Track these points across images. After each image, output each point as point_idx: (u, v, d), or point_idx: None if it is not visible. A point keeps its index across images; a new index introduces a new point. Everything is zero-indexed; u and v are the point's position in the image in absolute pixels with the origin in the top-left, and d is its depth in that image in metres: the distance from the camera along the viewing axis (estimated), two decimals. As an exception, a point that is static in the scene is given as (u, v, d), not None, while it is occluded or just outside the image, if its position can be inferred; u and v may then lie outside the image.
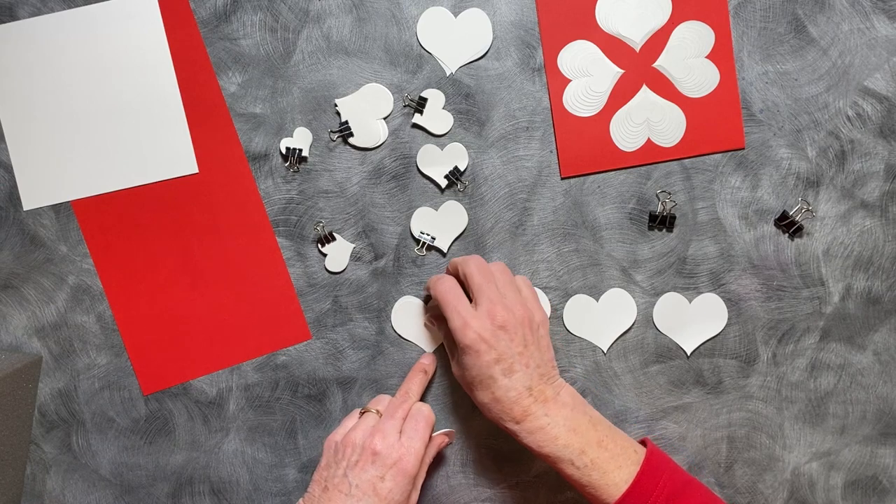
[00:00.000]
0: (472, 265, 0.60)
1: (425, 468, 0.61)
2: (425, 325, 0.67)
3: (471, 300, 0.59)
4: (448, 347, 0.65)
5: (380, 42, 0.67)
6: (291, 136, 0.67)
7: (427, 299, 0.68)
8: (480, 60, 0.67)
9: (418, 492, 0.59)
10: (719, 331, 0.67)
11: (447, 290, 0.60)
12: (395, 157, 0.67)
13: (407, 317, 0.68)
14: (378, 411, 0.62)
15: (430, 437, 0.61)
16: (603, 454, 0.56)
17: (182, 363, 0.68)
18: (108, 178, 0.68)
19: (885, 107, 0.65)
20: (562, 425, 0.56)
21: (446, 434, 0.65)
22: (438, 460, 0.69)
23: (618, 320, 0.67)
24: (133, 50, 0.67)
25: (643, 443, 0.60)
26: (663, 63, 0.66)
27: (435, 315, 0.66)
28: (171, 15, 0.67)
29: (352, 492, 0.56)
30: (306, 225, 0.68)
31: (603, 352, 0.67)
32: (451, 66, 0.66)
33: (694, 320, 0.67)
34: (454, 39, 0.66)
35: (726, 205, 0.66)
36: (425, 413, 0.61)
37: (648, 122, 0.66)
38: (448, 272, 0.64)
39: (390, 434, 0.59)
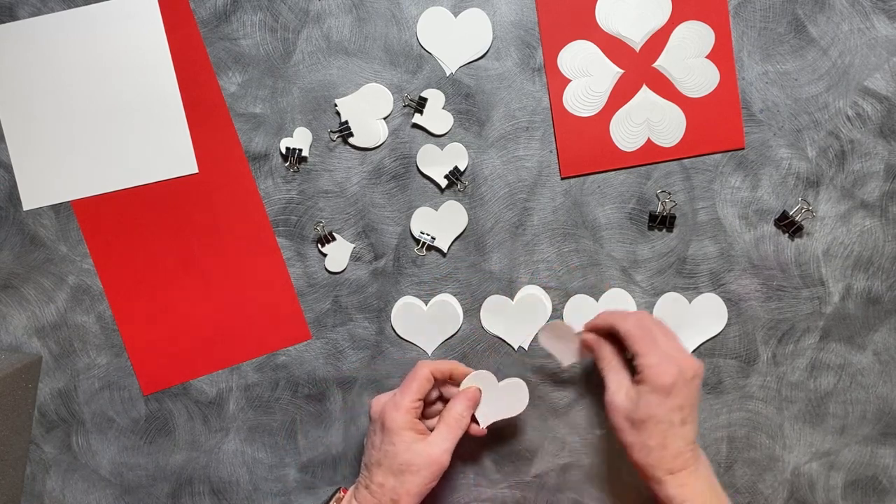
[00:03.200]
0: (635, 318, 0.59)
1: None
2: (586, 340, 0.63)
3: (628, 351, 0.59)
4: (609, 372, 0.60)
5: (380, 42, 0.67)
6: (291, 136, 0.67)
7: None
8: (480, 60, 0.67)
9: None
10: (719, 331, 0.67)
11: (648, 324, 0.58)
12: (395, 157, 0.67)
13: (407, 317, 0.68)
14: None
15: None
16: None
17: (182, 363, 0.68)
18: (108, 178, 0.68)
19: (885, 107, 0.65)
20: (708, 483, 0.56)
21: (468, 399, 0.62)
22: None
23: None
24: (133, 50, 0.67)
25: None
26: (663, 63, 0.66)
27: (596, 335, 0.62)
28: (171, 15, 0.67)
29: None
30: (306, 225, 0.68)
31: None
32: (451, 66, 0.66)
33: (694, 320, 0.66)
34: (454, 39, 0.66)
35: (726, 205, 0.66)
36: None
37: (648, 122, 0.66)
38: (598, 324, 0.62)
39: None
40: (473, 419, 0.62)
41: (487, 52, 0.66)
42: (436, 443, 0.58)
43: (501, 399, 0.63)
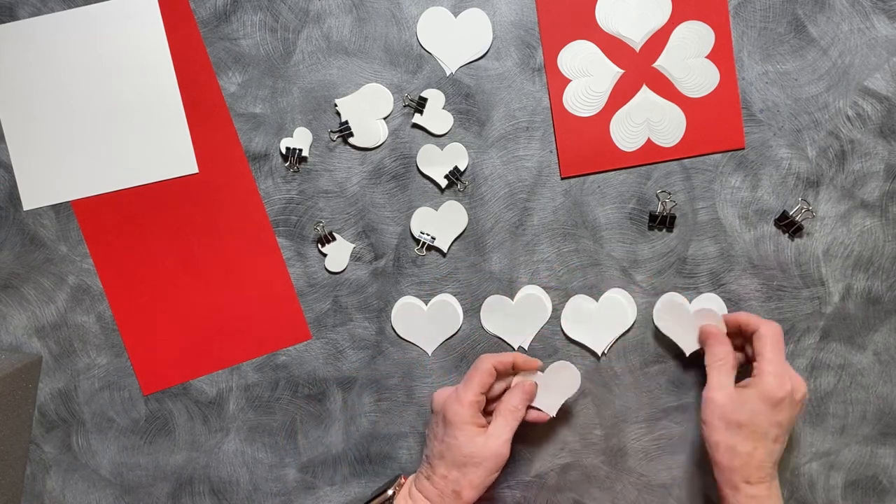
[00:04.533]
0: (772, 326, 0.60)
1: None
2: (710, 332, 0.62)
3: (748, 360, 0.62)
4: (716, 374, 0.60)
5: (380, 42, 0.67)
6: (291, 136, 0.67)
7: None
8: (480, 60, 0.67)
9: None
10: (719, 331, 0.67)
11: (779, 334, 0.59)
12: (395, 157, 0.67)
13: (407, 317, 0.68)
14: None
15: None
16: None
17: (182, 363, 0.68)
18: (108, 178, 0.68)
19: (885, 107, 0.65)
20: (777, 500, 0.58)
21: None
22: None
23: (618, 321, 0.67)
24: (133, 50, 0.67)
25: None
26: (663, 63, 0.66)
27: (711, 332, 0.63)
28: (171, 15, 0.67)
29: None
30: (306, 225, 0.68)
31: (604, 352, 0.67)
32: (451, 66, 0.66)
33: (694, 320, 0.66)
34: (454, 39, 0.66)
35: (726, 205, 0.66)
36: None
37: (648, 122, 0.66)
38: (740, 320, 0.62)
39: None
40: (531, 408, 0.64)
41: (487, 52, 0.66)
42: (496, 434, 0.59)
43: (553, 383, 0.64)
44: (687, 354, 0.65)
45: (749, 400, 0.57)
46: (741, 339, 0.63)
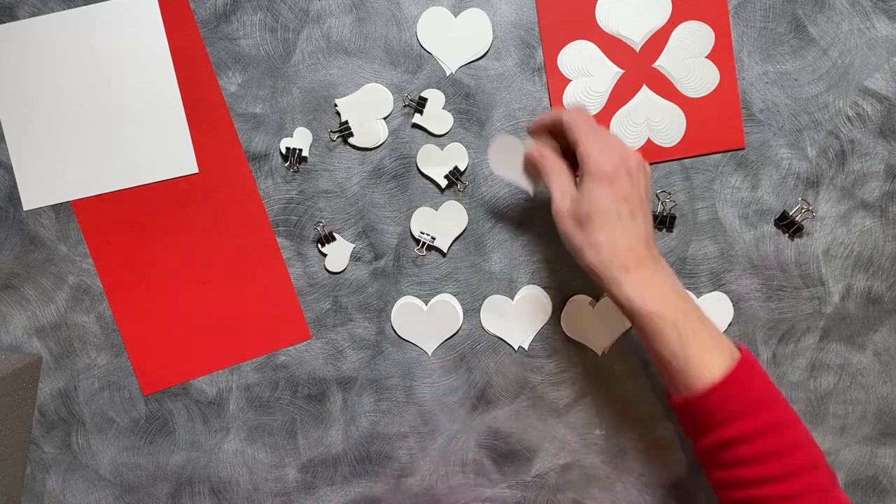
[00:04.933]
0: (573, 111, 0.56)
1: None
2: (532, 155, 0.58)
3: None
4: (554, 180, 0.56)
5: (380, 42, 0.67)
6: (291, 136, 0.67)
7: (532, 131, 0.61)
8: (480, 60, 0.66)
9: None
10: (723, 329, 0.66)
11: (585, 115, 0.55)
12: (395, 157, 0.67)
13: (407, 317, 0.68)
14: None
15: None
16: (703, 327, 0.51)
17: (182, 363, 0.68)
18: (108, 178, 0.68)
19: (885, 107, 0.65)
20: (671, 285, 0.53)
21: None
22: (439, 460, 0.69)
23: (618, 320, 0.67)
24: (133, 50, 0.67)
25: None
26: (663, 63, 0.66)
27: (539, 146, 0.58)
28: (171, 15, 0.67)
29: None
30: (306, 225, 0.68)
31: (604, 352, 0.67)
32: (451, 66, 0.66)
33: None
34: (454, 39, 0.66)
35: (726, 205, 0.66)
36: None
37: (648, 122, 0.66)
38: (543, 120, 0.58)
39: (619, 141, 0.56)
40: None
41: (487, 51, 0.66)
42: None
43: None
44: (532, 195, 0.63)
45: (585, 189, 0.53)
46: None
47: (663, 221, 0.66)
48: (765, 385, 0.52)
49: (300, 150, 0.67)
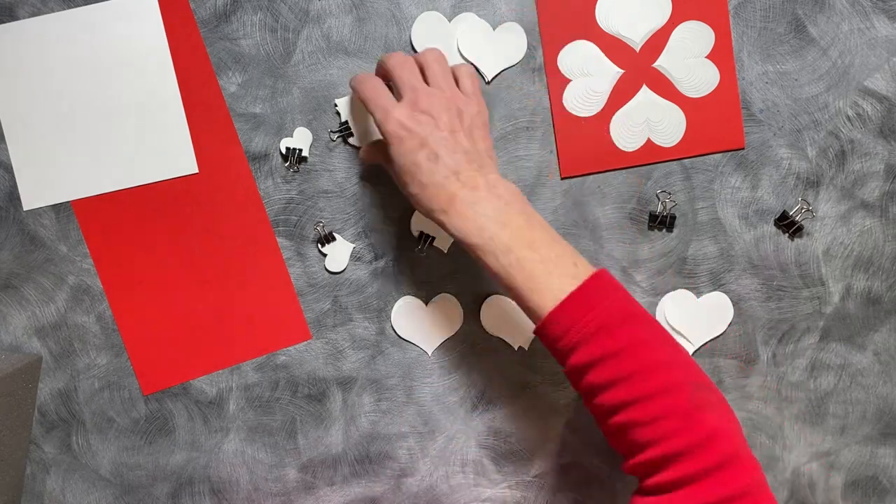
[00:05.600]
0: (394, 58, 0.57)
1: None
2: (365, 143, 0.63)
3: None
4: (384, 152, 0.59)
5: (380, 42, 0.67)
6: (291, 136, 0.67)
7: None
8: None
9: None
10: (723, 330, 0.67)
11: (368, 87, 0.57)
12: (395, 157, 0.67)
13: (407, 317, 0.68)
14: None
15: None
16: (532, 256, 0.51)
17: (182, 363, 0.68)
18: (108, 178, 0.68)
19: (885, 107, 0.65)
20: (490, 217, 0.52)
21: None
22: (439, 460, 0.69)
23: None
24: (133, 50, 0.67)
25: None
26: (663, 63, 0.66)
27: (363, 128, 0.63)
28: (171, 15, 0.67)
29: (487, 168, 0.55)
30: (306, 225, 0.68)
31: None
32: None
33: (702, 318, 0.66)
34: (450, 44, 0.66)
35: (726, 205, 0.66)
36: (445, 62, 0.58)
37: (648, 122, 0.66)
38: (377, 73, 0.60)
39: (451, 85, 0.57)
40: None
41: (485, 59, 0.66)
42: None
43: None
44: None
45: (389, 153, 0.55)
46: None
47: (663, 221, 0.66)
48: (619, 305, 0.50)
49: (300, 150, 0.67)
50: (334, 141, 0.67)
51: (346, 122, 0.66)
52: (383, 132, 0.55)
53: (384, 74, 0.59)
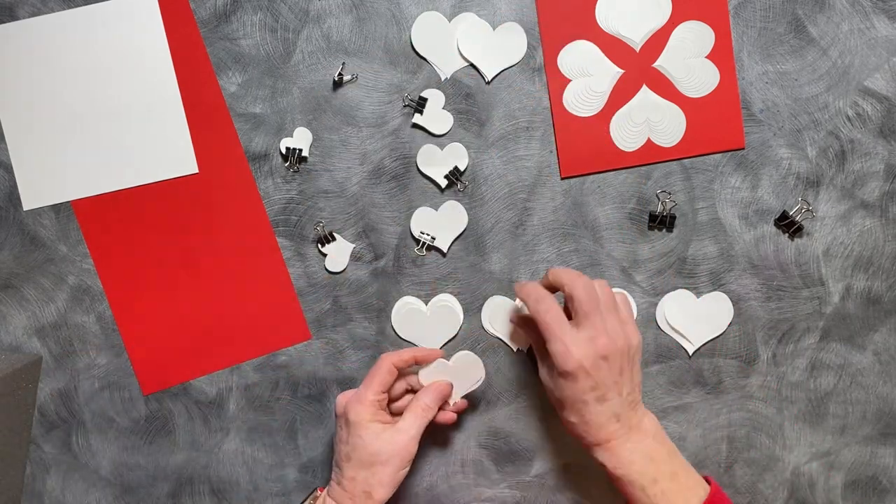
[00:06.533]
0: (581, 288, 0.57)
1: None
2: (513, 321, 0.66)
3: (569, 317, 0.58)
4: (538, 353, 0.62)
5: (380, 42, 0.67)
6: (291, 136, 0.67)
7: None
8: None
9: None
10: (723, 330, 0.66)
11: (550, 315, 0.57)
12: (395, 157, 0.67)
13: (407, 317, 0.68)
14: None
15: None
16: (674, 486, 0.56)
17: (182, 363, 0.68)
18: (108, 178, 0.68)
19: (885, 107, 0.65)
20: (641, 452, 0.56)
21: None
22: (439, 460, 0.69)
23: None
24: (133, 50, 0.67)
25: (707, 480, 0.59)
26: (663, 63, 0.66)
27: (523, 319, 0.65)
28: (171, 15, 0.67)
29: None
30: (306, 225, 0.68)
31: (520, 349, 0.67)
32: (446, 71, 0.66)
33: (702, 318, 0.66)
34: (449, 44, 0.66)
35: (726, 205, 0.66)
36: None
37: (648, 122, 0.66)
38: (546, 282, 0.60)
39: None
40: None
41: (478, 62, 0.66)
42: (404, 430, 0.59)
43: (458, 375, 0.65)
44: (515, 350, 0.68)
45: (556, 378, 0.57)
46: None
47: (663, 221, 0.66)
48: None
49: (300, 150, 0.67)
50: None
51: (344, 63, 0.66)
52: (559, 366, 0.56)
53: (550, 285, 0.60)
